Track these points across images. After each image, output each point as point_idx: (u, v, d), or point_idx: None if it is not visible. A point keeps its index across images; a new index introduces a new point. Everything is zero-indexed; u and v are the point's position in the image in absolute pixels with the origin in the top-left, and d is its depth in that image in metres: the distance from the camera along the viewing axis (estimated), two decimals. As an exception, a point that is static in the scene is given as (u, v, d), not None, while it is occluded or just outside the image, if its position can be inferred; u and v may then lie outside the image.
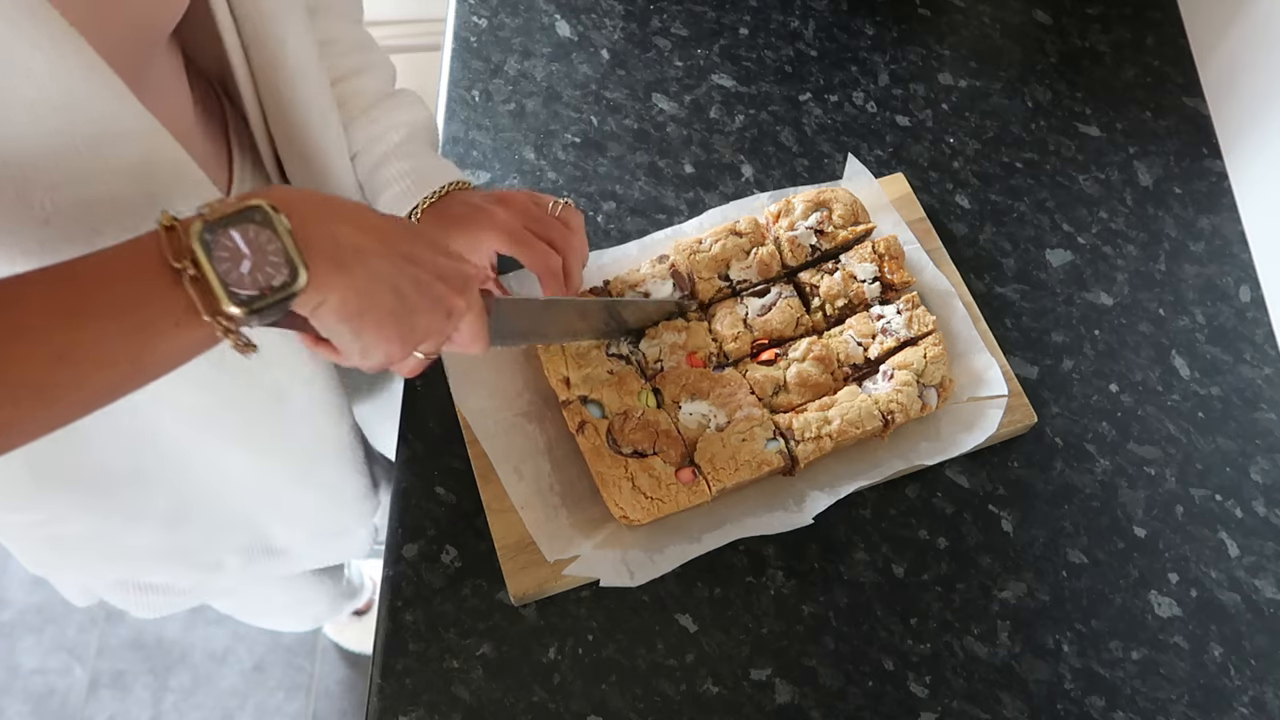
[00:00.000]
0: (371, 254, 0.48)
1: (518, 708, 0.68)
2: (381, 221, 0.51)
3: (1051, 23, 1.03)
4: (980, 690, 0.70)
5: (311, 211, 0.46)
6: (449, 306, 0.53)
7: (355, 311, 0.48)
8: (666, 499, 0.69)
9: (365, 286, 0.48)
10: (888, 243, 0.80)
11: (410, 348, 0.52)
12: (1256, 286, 0.88)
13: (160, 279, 0.43)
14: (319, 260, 0.45)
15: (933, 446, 0.75)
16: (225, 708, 1.53)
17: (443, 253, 0.54)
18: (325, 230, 0.46)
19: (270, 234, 0.44)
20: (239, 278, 0.43)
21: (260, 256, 0.44)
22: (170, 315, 0.43)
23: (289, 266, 0.44)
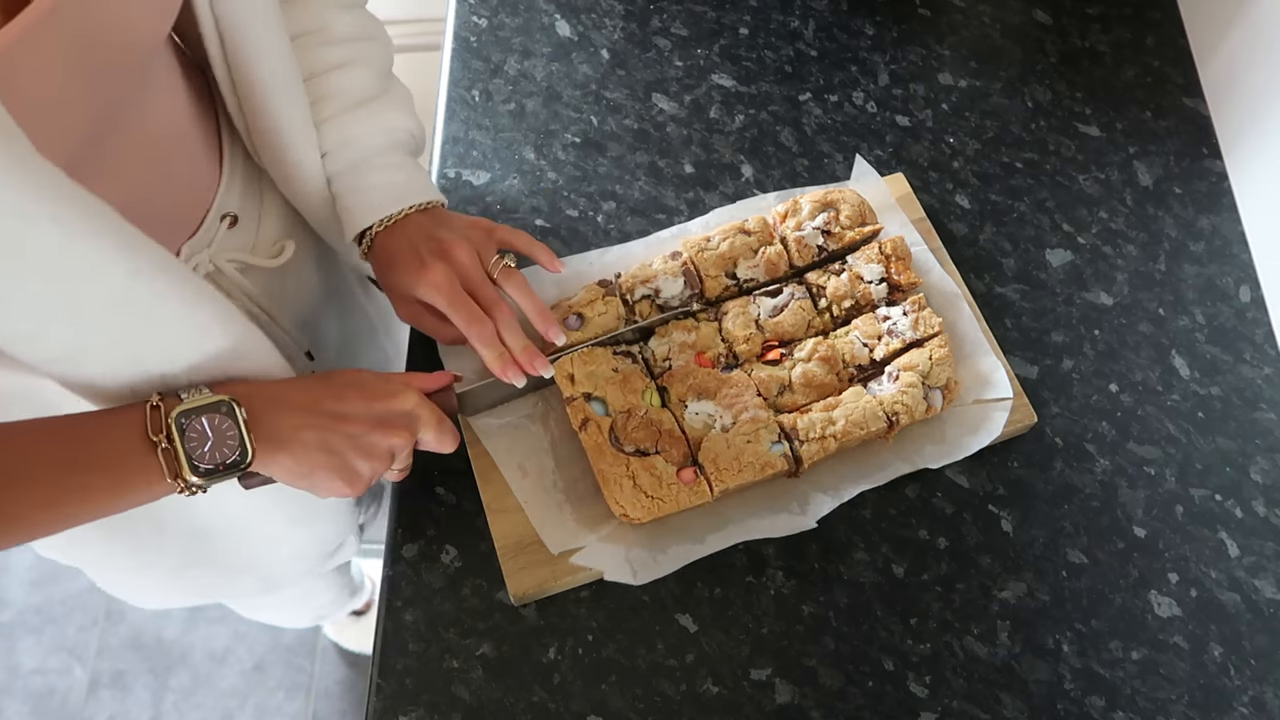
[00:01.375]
0: (306, 429, 0.59)
1: (518, 708, 0.68)
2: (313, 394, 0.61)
3: (1051, 23, 1.03)
4: (980, 690, 0.70)
5: (260, 404, 0.58)
6: (385, 448, 0.62)
7: (300, 475, 0.60)
8: (667, 498, 0.69)
9: (302, 455, 0.59)
10: (894, 244, 0.80)
11: (363, 484, 0.62)
12: (1256, 286, 0.88)
13: (141, 446, 0.55)
14: (264, 443, 0.58)
15: (937, 449, 0.75)
16: (225, 708, 1.53)
17: (377, 397, 0.63)
18: (271, 419, 0.58)
19: (231, 423, 0.56)
20: (201, 454, 0.55)
21: (220, 439, 0.56)
22: (144, 476, 0.55)
23: (241, 448, 0.56)
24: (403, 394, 0.64)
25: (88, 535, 0.72)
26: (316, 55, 0.71)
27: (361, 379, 0.64)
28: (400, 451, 0.64)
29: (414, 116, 0.76)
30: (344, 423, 0.61)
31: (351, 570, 1.33)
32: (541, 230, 0.87)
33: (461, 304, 0.69)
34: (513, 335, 0.71)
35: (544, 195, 0.88)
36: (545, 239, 0.86)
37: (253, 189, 0.75)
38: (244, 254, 0.73)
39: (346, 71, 0.72)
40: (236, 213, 0.73)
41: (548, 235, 0.86)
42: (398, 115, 0.74)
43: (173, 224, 0.69)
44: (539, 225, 0.87)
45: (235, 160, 0.73)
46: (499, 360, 0.70)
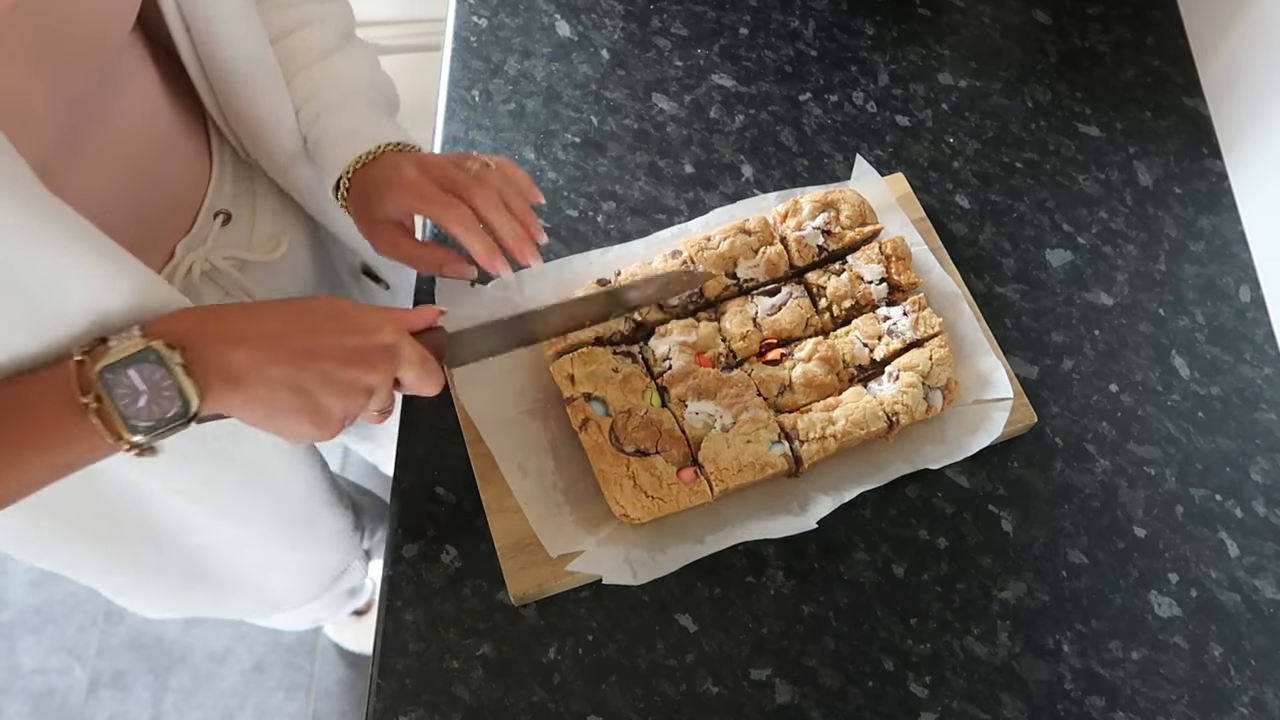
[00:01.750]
0: (265, 364, 0.52)
1: (518, 708, 0.68)
2: (280, 325, 0.54)
3: (1051, 23, 1.03)
4: (980, 690, 0.70)
5: (208, 339, 0.52)
6: (363, 386, 0.56)
7: (264, 415, 0.54)
8: (667, 498, 0.69)
9: (264, 395, 0.52)
10: (895, 244, 0.80)
11: (336, 426, 0.56)
12: (1256, 286, 0.88)
13: (72, 412, 0.49)
14: (214, 385, 0.51)
15: (937, 449, 0.75)
16: (225, 708, 1.53)
17: (353, 330, 0.56)
18: (219, 356, 0.51)
19: (164, 371, 0.50)
20: (137, 411, 0.50)
21: (155, 391, 0.50)
22: (83, 442, 0.50)
23: (181, 399, 0.50)
24: (382, 327, 0.58)
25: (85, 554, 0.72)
26: (274, 19, 0.71)
27: (337, 308, 0.58)
28: (379, 390, 0.57)
29: (379, 70, 0.75)
30: (314, 358, 0.54)
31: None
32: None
33: (434, 196, 0.65)
34: (498, 216, 0.65)
35: (544, 195, 0.88)
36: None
37: (244, 186, 0.75)
38: (239, 250, 0.73)
39: (304, 31, 0.72)
40: (229, 210, 0.73)
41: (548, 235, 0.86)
42: (359, 66, 0.73)
43: (164, 223, 0.69)
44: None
45: (225, 158, 0.73)
46: (484, 248, 0.65)
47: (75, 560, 0.73)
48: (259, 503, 0.74)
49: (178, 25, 0.63)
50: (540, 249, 0.70)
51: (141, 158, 0.64)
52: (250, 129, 0.70)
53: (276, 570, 0.85)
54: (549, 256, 0.85)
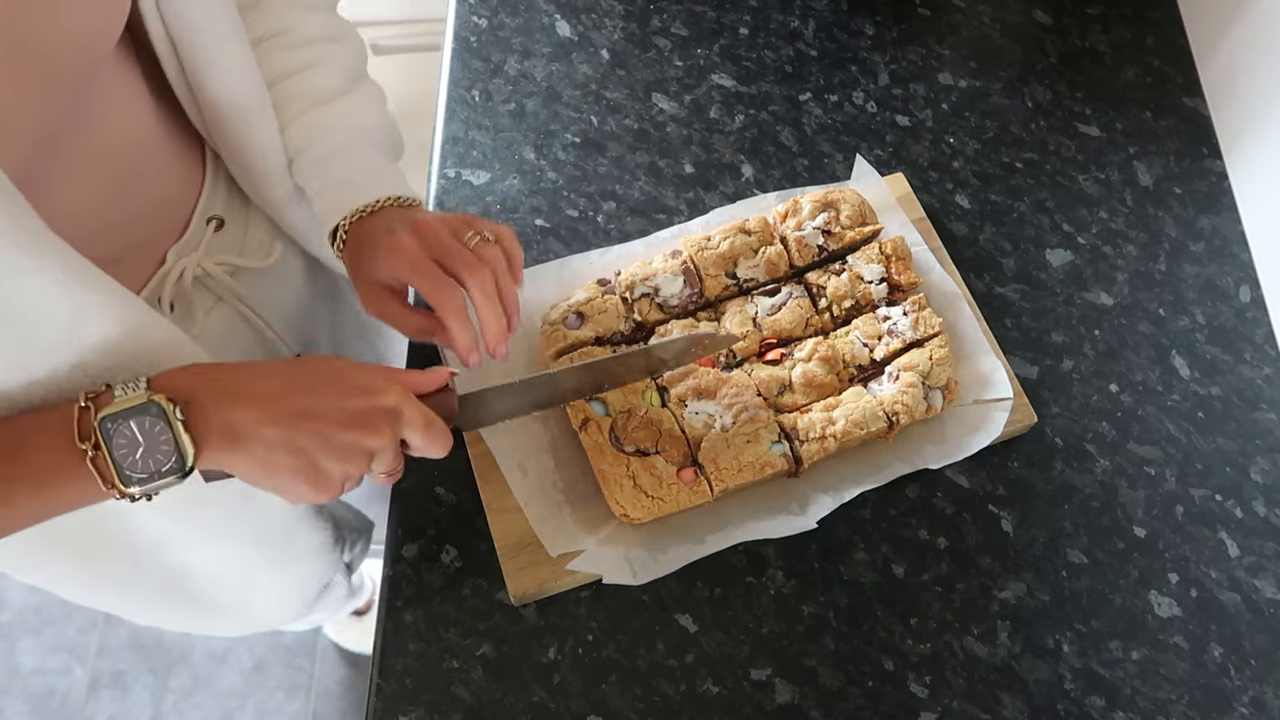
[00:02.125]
0: (263, 424, 0.52)
1: (518, 708, 0.68)
2: (279, 385, 0.54)
3: (1051, 23, 1.03)
4: (980, 690, 0.70)
5: (210, 395, 0.52)
6: (362, 449, 0.55)
7: (262, 475, 0.53)
8: (667, 498, 0.69)
9: (262, 455, 0.52)
10: (895, 244, 0.80)
11: (336, 489, 0.55)
12: (1256, 286, 0.88)
13: (70, 456, 0.49)
14: (212, 441, 0.51)
15: (937, 449, 0.75)
16: (225, 708, 1.53)
17: (355, 393, 0.55)
18: (219, 415, 0.51)
19: (163, 425, 0.50)
20: (133, 463, 0.50)
21: (153, 445, 0.50)
22: (76, 486, 0.50)
23: (178, 454, 0.50)
24: (385, 390, 0.56)
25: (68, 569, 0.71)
26: (280, 59, 0.69)
27: (338, 370, 0.57)
28: (381, 454, 0.57)
29: (385, 114, 0.73)
30: (311, 420, 0.53)
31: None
32: (541, 230, 0.87)
33: (427, 271, 0.62)
34: (488, 307, 0.62)
35: (544, 195, 0.88)
36: (545, 239, 0.86)
37: (238, 192, 0.74)
38: (232, 256, 0.73)
39: (310, 72, 0.70)
40: (222, 215, 0.72)
41: (548, 235, 0.86)
42: (364, 111, 0.71)
43: (155, 228, 0.68)
44: (539, 225, 0.87)
45: (219, 164, 0.72)
46: (467, 342, 0.62)
47: (59, 575, 0.72)
48: (240, 523, 0.73)
49: (168, 55, 0.62)
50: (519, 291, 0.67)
51: (129, 165, 0.63)
52: (241, 164, 0.69)
53: (258, 590, 0.83)
54: (548, 257, 0.85)
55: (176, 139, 0.68)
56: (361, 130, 0.71)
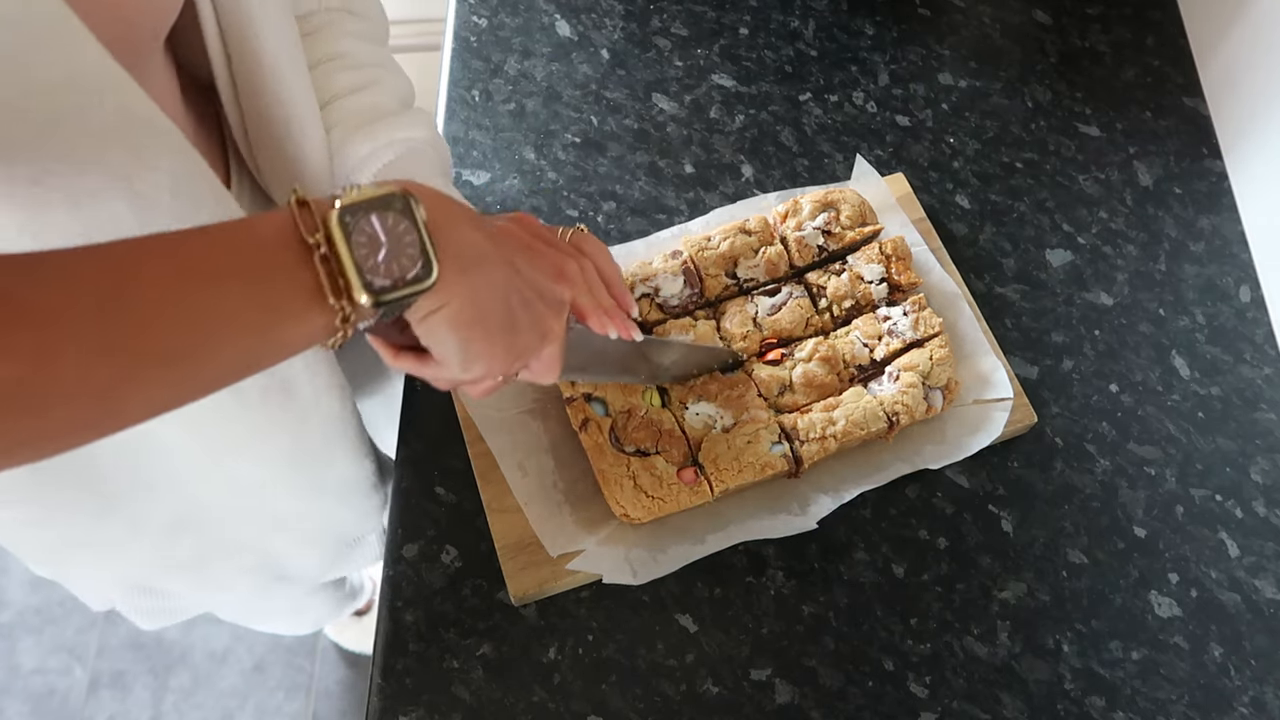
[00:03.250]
0: (492, 261, 0.48)
1: (518, 708, 0.68)
2: (494, 229, 0.50)
3: (1051, 23, 1.03)
4: (980, 690, 0.70)
5: (447, 210, 0.46)
6: (545, 328, 0.52)
7: (469, 320, 0.47)
8: (667, 498, 0.69)
9: (482, 295, 0.47)
10: (895, 244, 0.80)
11: (510, 366, 0.51)
12: (1256, 286, 0.88)
13: (293, 253, 0.41)
14: (448, 260, 0.45)
15: (937, 449, 0.75)
16: (225, 708, 1.53)
17: (542, 269, 0.53)
18: (455, 231, 0.46)
19: (409, 224, 0.43)
20: (374, 265, 0.42)
21: (397, 246, 0.43)
22: (297, 293, 0.42)
23: (424, 260, 0.43)
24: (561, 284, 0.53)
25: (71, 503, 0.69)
26: (337, 79, 0.70)
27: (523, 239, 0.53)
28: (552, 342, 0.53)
29: (436, 132, 0.74)
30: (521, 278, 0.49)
31: (350, 574, 1.33)
32: (541, 230, 0.87)
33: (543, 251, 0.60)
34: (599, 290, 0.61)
35: (544, 195, 0.88)
36: (545, 239, 0.86)
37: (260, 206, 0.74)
38: None
39: (366, 92, 0.71)
40: None
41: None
42: (419, 129, 0.72)
43: None
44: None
45: (243, 188, 0.72)
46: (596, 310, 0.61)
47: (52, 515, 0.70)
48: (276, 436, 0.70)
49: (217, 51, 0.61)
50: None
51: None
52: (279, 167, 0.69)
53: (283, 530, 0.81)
54: (549, 256, 0.85)
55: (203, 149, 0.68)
56: (418, 143, 0.71)
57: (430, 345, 0.48)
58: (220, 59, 0.62)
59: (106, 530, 0.74)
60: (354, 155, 0.69)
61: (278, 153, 0.67)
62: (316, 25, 0.70)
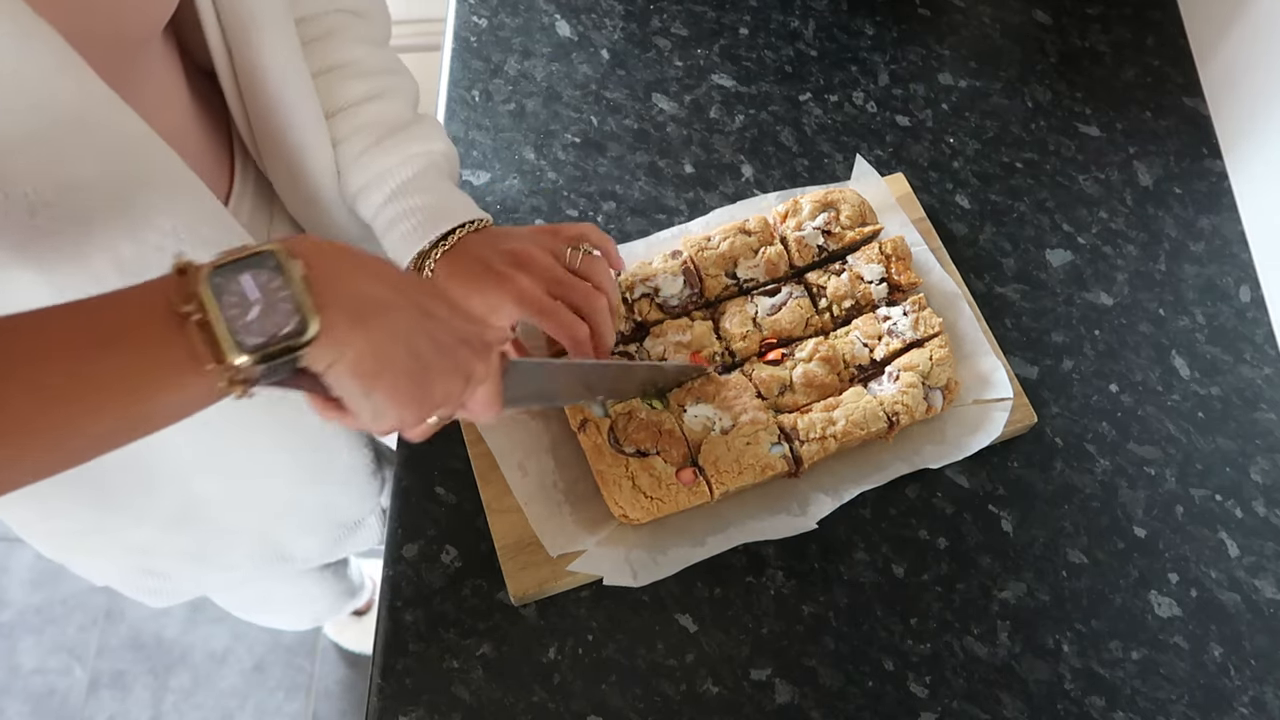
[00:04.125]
0: (393, 309, 0.46)
1: (518, 708, 0.68)
2: (402, 276, 0.49)
3: (1051, 23, 1.03)
4: (980, 690, 0.70)
5: (334, 262, 0.45)
6: (468, 372, 0.51)
7: (371, 371, 0.46)
8: (666, 499, 0.69)
9: (383, 345, 0.46)
10: (895, 244, 0.80)
11: (425, 413, 0.50)
12: (1256, 286, 0.88)
13: (167, 322, 0.41)
14: (336, 313, 0.44)
15: (937, 449, 0.75)
16: (225, 708, 1.53)
17: (462, 313, 0.52)
18: (346, 283, 0.45)
19: (281, 281, 0.42)
20: (246, 324, 0.42)
21: (270, 303, 0.42)
22: (174, 361, 0.42)
23: (299, 315, 0.42)
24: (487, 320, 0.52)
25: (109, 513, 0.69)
26: (347, 88, 0.69)
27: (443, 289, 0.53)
28: (478, 384, 0.52)
29: (447, 140, 0.74)
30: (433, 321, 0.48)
31: (350, 571, 1.33)
32: (541, 230, 0.87)
33: (552, 310, 0.64)
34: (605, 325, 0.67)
35: (544, 195, 0.88)
36: (545, 239, 0.86)
37: (263, 205, 0.74)
38: None
39: (377, 102, 0.70)
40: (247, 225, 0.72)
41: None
42: (433, 140, 0.72)
43: None
44: (539, 225, 0.87)
45: (247, 177, 0.72)
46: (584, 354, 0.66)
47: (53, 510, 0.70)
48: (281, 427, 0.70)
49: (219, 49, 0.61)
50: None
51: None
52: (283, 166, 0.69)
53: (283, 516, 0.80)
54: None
55: (206, 145, 0.67)
56: (433, 156, 0.71)
57: (339, 395, 0.47)
58: (222, 54, 0.62)
59: (107, 521, 0.75)
60: (371, 169, 0.69)
61: (280, 146, 0.67)
62: (326, 29, 0.69)
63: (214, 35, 0.61)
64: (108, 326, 0.41)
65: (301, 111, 0.65)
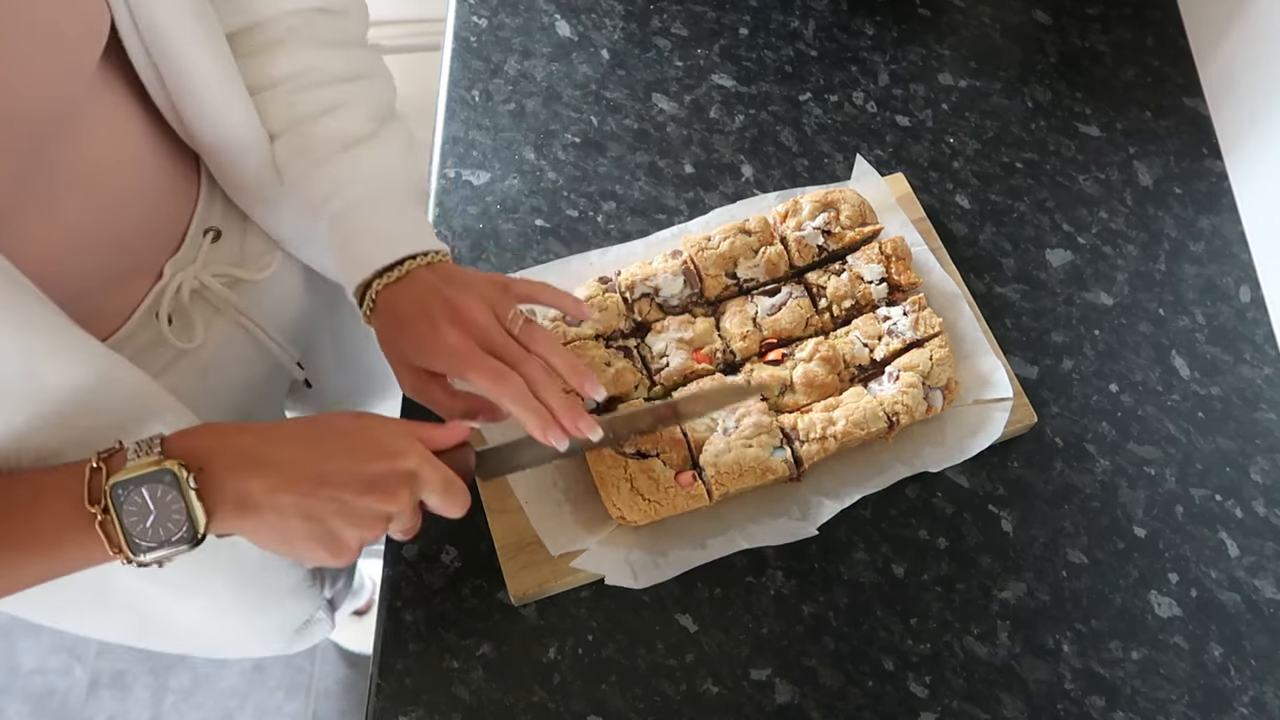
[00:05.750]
0: (280, 492, 0.52)
1: (518, 708, 0.68)
2: (296, 449, 0.54)
3: (1051, 23, 1.03)
4: (980, 690, 0.70)
5: (225, 463, 0.51)
6: (380, 514, 0.55)
7: (276, 541, 0.53)
8: (664, 502, 0.69)
9: (276, 522, 0.52)
10: (895, 244, 0.80)
11: (353, 554, 0.55)
12: (1256, 286, 0.88)
13: (78, 518, 0.49)
14: (224, 509, 0.51)
15: (937, 451, 0.75)
16: (225, 708, 1.53)
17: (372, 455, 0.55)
18: (233, 482, 0.51)
19: (175, 494, 0.49)
20: (142, 530, 0.49)
21: (164, 513, 0.49)
22: (83, 550, 0.50)
23: (189, 523, 0.50)
24: (404, 452, 0.55)
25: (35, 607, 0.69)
26: (303, 99, 0.66)
27: (354, 430, 0.56)
28: (399, 517, 0.56)
29: (411, 158, 0.70)
30: (328, 486, 0.53)
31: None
32: (541, 230, 0.87)
33: (481, 363, 0.60)
34: (549, 391, 0.61)
35: (544, 195, 0.88)
36: (545, 239, 0.86)
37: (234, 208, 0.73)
38: (230, 267, 0.71)
39: (333, 115, 0.67)
40: (219, 226, 0.71)
41: (548, 235, 0.86)
42: (390, 156, 0.68)
43: (150, 243, 0.66)
44: (539, 225, 0.87)
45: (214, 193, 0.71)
46: (538, 419, 0.60)
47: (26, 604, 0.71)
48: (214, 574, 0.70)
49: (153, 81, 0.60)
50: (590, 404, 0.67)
51: (120, 183, 0.61)
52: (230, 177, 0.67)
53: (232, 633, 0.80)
54: (548, 257, 0.85)
55: (170, 154, 0.66)
56: (387, 177, 0.68)
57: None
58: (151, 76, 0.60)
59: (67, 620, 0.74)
60: (317, 190, 0.66)
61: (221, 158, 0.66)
62: (282, 32, 0.66)
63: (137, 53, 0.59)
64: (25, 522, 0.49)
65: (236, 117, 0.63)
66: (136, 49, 0.58)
